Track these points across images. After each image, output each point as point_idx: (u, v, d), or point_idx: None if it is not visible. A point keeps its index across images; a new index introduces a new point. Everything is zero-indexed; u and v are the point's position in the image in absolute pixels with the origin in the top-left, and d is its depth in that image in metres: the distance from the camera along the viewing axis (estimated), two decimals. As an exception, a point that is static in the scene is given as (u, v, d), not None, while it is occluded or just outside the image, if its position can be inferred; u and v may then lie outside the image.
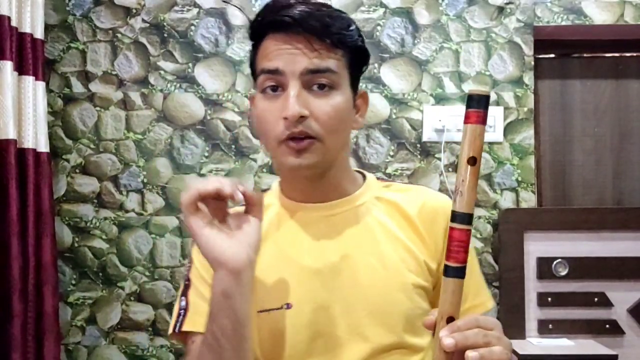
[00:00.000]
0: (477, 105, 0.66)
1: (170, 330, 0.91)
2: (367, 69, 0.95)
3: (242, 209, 0.84)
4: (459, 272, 0.68)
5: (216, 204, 0.79)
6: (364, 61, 0.93)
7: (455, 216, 0.68)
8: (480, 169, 0.67)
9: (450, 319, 0.68)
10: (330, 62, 0.85)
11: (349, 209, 0.93)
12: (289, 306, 0.87)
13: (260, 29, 0.87)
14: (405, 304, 0.88)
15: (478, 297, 0.95)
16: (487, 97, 0.67)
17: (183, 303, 0.91)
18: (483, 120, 0.66)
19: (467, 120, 0.66)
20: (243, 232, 0.78)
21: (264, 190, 1.01)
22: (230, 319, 0.76)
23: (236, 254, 0.76)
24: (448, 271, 0.68)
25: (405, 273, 0.90)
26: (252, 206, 0.79)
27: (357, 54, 0.90)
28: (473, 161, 0.66)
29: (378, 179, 1.00)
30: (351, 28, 0.89)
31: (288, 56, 0.84)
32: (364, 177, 0.99)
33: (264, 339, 0.88)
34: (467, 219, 0.67)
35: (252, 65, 0.92)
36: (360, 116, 0.95)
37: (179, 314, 0.90)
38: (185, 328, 0.88)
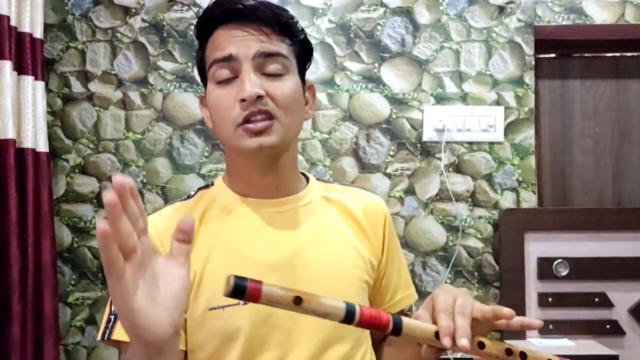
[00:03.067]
0: (240, 292, 0.64)
1: (99, 337, 0.86)
2: (310, 65, 0.97)
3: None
4: (396, 329, 0.69)
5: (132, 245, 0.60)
6: (309, 55, 0.96)
7: (347, 320, 0.68)
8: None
9: (437, 334, 0.70)
10: (282, 46, 0.88)
11: (298, 206, 0.95)
12: (245, 302, 0.85)
13: (210, 23, 0.90)
14: (354, 298, 0.89)
15: (407, 289, 1.04)
16: (236, 285, 0.63)
17: (114, 308, 0.85)
18: (255, 294, 0.64)
19: (254, 300, 0.65)
20: (166, 290, 0.62)
21: (205, 187, 0.99)
22: None
23: (156, 327, 0.60)
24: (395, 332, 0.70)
25: (353, 269, 0.94)
26: (180, 243, 0.64)
27: (302, 46, 0.93)
28: (299, 300, 0.66)
29: (317, 179, 1.03)
30: (296, 20, 0.92)
31: (240, 42, 0.86)
32: (307, 178, 1.01)
33: (213, 338, 0.86)
34: (349, 314, 0.67)
35: (201, 63, 0.94)
36: (309, 108, 0.97)
37: (109, 320, 0.85)
38: (115, 337, 0.84)
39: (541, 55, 2.18)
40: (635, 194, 2.20)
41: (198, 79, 2.06)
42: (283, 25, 0.89)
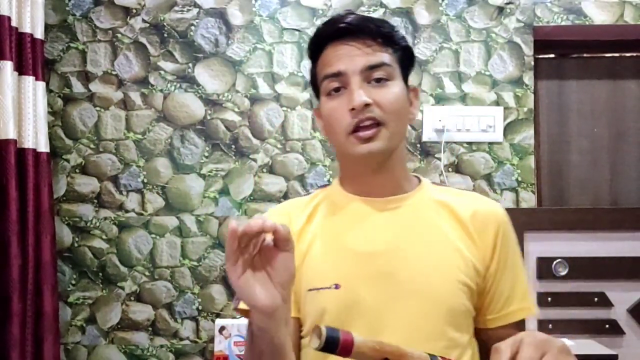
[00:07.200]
0: (331, 348, 0.67)
1: (233, 307, 0.99)
2: (413, 69, 1.05)
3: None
4: None
5: (250, 243, 0.78)
6: (411, 60, 1.03)
7: None
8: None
9: None
10: (385, 56, 0.96)
11: (404, 204, 1.00)
12: (337, 286, 0.93)
13: (321, 42, 0.99)
14: (449, 297, 0.93)
15: (523, 302, 1.01)
16: (330, 340, 0.68)
17: None
18: (347, 348, 0.67)
19: (346, 353, 0.68)
20: (275, 271, 0.78)
21: (324, 186, 1.09)
22: (267, 347, 0.82)
23: (268, 298, 0.77)
24: None
25: (452, 269, 0.95)
26: (281, 241, 0.77)
27: (405, 52, 1.01)
28: None
29: (433, 183, 1.07)
30: (397, 30, 1.01)
31: (348, 58, 0.95)
32: (419, 180, 1.06)
33: (309, 316, 0.95)
34: None
35: (313, 79, 1.02)
36: (413, 109, 1.03)
37: None
38: (241, 306, 0.96)
39: (540, 56, 2.18)
40: (631, 194, 2.20)
41: (199, 79, 2.08)
42: (385, 37, 0.97)
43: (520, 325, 1.01)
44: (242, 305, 0.94)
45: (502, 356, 0.68)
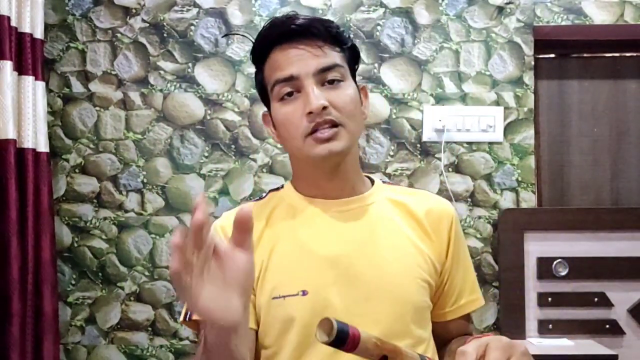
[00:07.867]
0: (340, 343, 0.65)
1: (181, 318, 0.95)
2: (358, 67, 1.03)
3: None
4: None
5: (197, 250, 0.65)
6: (357, 58, 1.03)
7: None
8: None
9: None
10: (336, 57, 0.95)
11: (362, 206, 0.99)
12: (304, 293, 0.91)
13: (267, 45, 0.95)
14: (414, 296, 0.94)
15: (473, 294, 1.05)
16: (340, 334, 0.65)
17: None
18: (354, 343, 0.66)
19: (349, 350, 0.67)
20: (233, 276, 0.66)
21: (276, 189, 1.07)
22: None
23: (228, 312, 0.65)
24: None
25: (414, 267, 0.96)
26: (240, 232, 0.66)
27: (351, 51, 1.00)
28: (385, 358, 0.68)
29: (383, 182, 1.07)
30: (342, 30, 1.00)
31: (299, 61, 0.92)
32: (372, 180, 1.06)
33: (275, 324, 0.92)
34: None
35: (261, 84, 1.00)
36: (364, 108, 1.02)
37: None
38: (195, 317, 0.92)
39: (540, 56, 2.18)
40: (632, 194, 2.20)
41: (198, 79, 2.07)
42: (333, 37, 0.95)
43: (469, 317, 1.07)
44: (197, 317, 0.86)
45: (468, 359, 0.69)
